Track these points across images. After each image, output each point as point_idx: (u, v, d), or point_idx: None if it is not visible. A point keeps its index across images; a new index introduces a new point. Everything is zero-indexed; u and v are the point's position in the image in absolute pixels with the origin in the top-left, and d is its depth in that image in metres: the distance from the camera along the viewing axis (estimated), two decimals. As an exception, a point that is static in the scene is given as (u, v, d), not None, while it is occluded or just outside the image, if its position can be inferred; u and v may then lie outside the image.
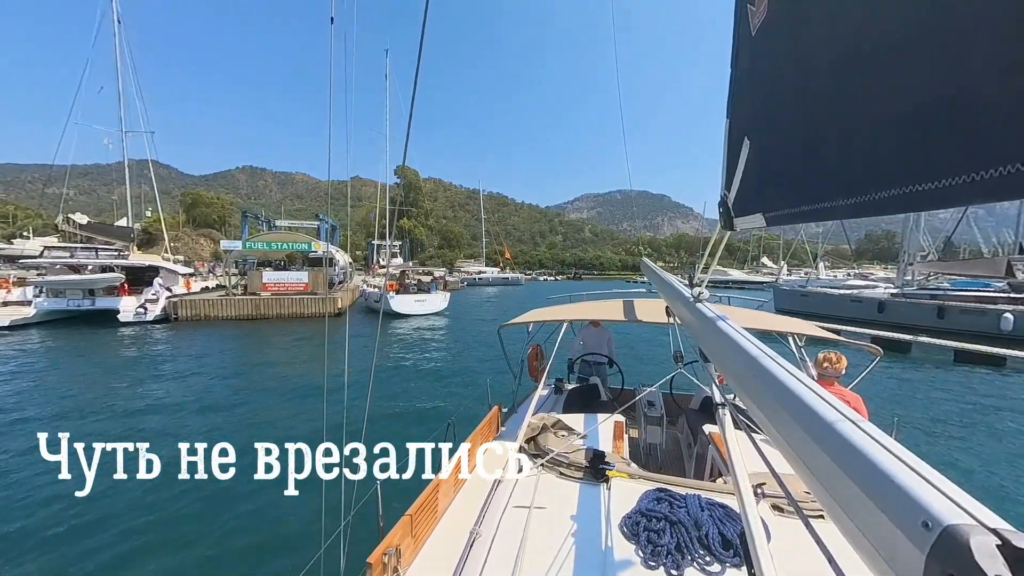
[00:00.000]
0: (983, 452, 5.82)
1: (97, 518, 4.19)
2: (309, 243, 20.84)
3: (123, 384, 9.19)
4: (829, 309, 19.93)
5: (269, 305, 19.66)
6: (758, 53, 1.05)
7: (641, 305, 4.04)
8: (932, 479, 0.42)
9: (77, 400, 7.95)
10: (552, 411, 3.48)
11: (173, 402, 7.93)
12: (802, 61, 0.82)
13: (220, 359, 11.85)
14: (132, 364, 11.11)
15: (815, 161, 0.77)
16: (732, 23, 1.20)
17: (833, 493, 0.49)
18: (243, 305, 19.25)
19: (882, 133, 0.59)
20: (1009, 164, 0.39)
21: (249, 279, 20.36)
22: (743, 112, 1.17)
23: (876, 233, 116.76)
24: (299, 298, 20.19)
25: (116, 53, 22.45)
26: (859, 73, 0.64)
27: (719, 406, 1.26)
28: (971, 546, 0.33)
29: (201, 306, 18.65)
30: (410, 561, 1.76)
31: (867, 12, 0.62)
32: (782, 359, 0.78)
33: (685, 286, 1.70)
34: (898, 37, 0.55)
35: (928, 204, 0.50)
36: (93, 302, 17.09)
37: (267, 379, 9.72)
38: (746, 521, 0.89)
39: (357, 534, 2.21)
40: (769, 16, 0.96)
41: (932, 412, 7.36)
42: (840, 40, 0.69)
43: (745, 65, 1.15)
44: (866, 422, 0.54)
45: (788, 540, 1.61)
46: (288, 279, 20.82)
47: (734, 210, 1.18)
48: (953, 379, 9.68)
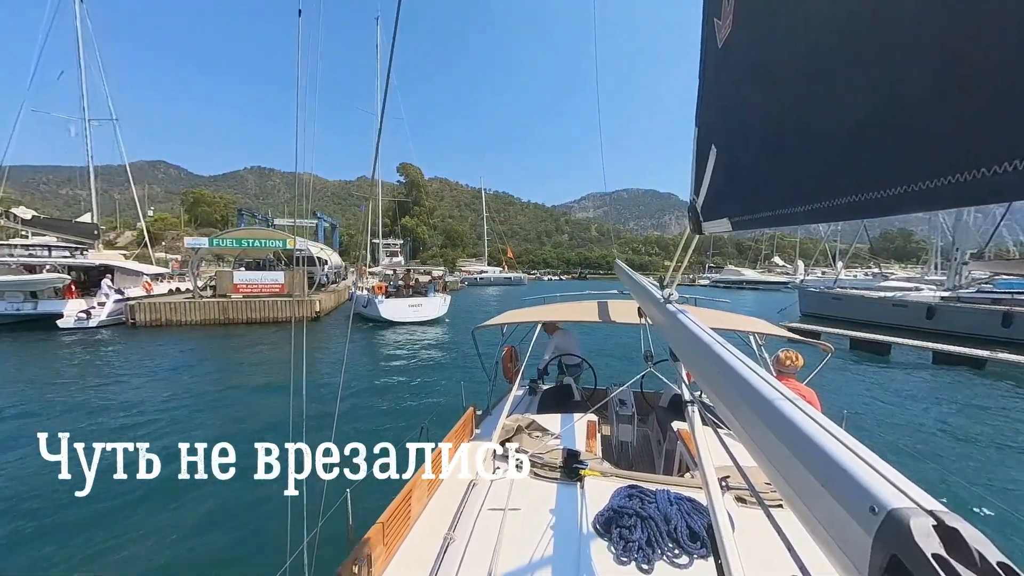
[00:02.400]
0: (926, 439, 6.38)
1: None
2: (284, 240, 18.97)
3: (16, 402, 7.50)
4: (867, 314, 17.54)
5: (238, 308, 17.84)
6: (724, 65, 1.08)
7: (614, 306, 4.06)
8: (878, 467, 0.44)
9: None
10: (527, 412, 3.46)
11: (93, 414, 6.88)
12: (763, 74, 0.87)
13: (167, 370, 10.24)
14: (51, 378, 9.35)
15: (775, 169, 0.82)
16: (700, 35, 1.23)
17: (791, 482, 0.51)
18: (210, 308, 17.43)
19: (832, 144, 0.63)
20: (940, 177, 0.42)
21: (218, 280, 18.52)
22: (710, 121, 1.21)
23: (891, 232, 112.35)
24: (272, 301, 18.37)
25: (78, 32, 20.60)
26: (812, 86, 0.68)
27: (687, 403, 1.29)
28: (911, 527, 0.35)
29: (162, 310, 16.88)
30: (382, 570, 1.72)
31: (821, 29, 0.65)
32: (745, 357, 0.80)
33: (656, 287, 1.75)
34: (843, 57, 0.59)
35: (871, 212, 0.54)
36: (35, 306, 15.33)
37: (212, 390, 8.46)
38: (713, 514, 0.91)
39: (326, 544, 2.14)
40: (734, 30, 1.00)
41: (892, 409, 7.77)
42: (797, 55, 0.73)
43: (712, 76, 1.19)
44: (820, 415, 0.56)
45: (751, 530, 1.70)
46: (262, 280, 18.98)
47: (702, 215, 1.22)
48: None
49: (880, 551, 0.36)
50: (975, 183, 0.39)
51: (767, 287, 49.88)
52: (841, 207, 0.58)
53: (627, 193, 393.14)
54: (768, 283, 50.81)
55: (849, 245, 42.34)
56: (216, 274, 19.00)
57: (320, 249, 25.19)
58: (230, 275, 18.72)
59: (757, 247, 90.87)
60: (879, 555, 0.36)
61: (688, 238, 1.38)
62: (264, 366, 10.96)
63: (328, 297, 19.73)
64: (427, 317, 18.14)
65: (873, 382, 9.64)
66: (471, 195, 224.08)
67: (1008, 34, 0.36)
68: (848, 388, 9.17)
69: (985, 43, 0.39)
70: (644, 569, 1.55)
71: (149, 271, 20.68)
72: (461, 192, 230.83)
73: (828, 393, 7.28)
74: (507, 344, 4.92)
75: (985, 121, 0.39)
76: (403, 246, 53.35)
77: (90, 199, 21.12)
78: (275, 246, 18.76)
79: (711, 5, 1.11)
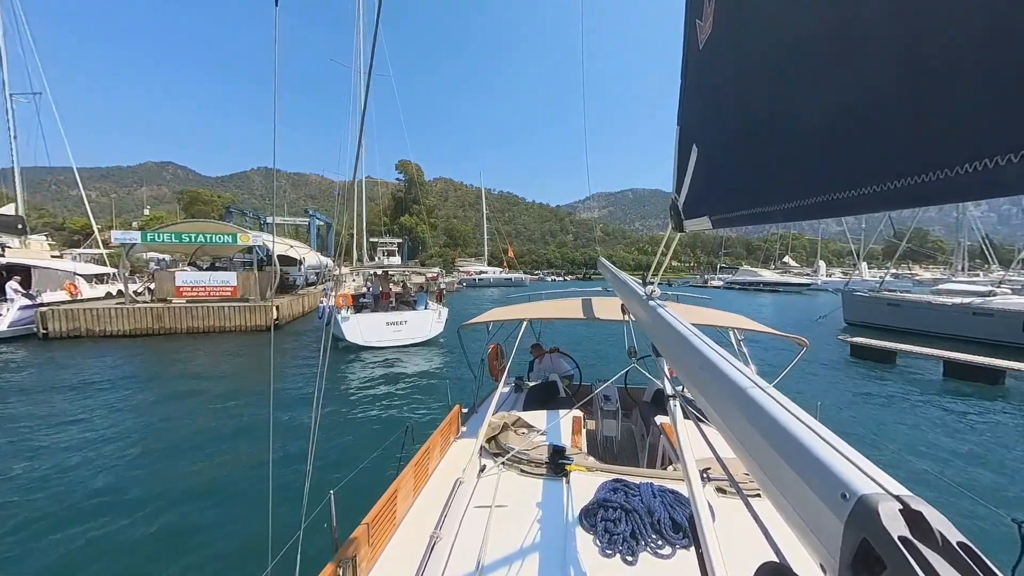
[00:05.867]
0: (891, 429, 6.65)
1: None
2: (235, 235, 16.11)
3: None
4: (937, 326, 14.27)
5: (178, 316, 15.02)
6: (705, 65, 1.09)
7: (599, 303, 4.11)
8: (849, 455, 0.45)
9: None
10: (513, 409, 3.48)
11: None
12: (741, 75, 0.88)
13: (75, 394, 8.15)
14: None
15: (752, 168, 0.83)
16: (682, 36, 1.24)
17: (767, 472, 0.53)
18: (141, 316, 14.62)
19: (805, 145, 0.65)
20: (905, 178, 0.45)
21: (157, 282, 15.73)
22: (691, 120, 1.23)
23: (905, 231, 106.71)
24: (220, 307, 15.54)
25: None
26: (786, 88, 0.70)
27: (670, 397, 1.32)
28: (879, 512, 0.36)
29: (82, 318, 14.09)
30: (367, 571, 1.73)
31: (795, 32, 0.67)
32: (725, 352, 0.81)
33: (639, 284, 1.73)
34: (815, 61, 0.61)
35: (842, 211, 0.55)
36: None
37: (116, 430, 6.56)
38: (694, 505, 0.92)
39: (310, 547, 2.01)
40: (715, 31, 1.00)
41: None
42: (772, 58, 0.74)
43: (693, 76, 1.21)
44: (795, 406, 0.57)
45: (731, 519, 1.77)
46: (209, 281, 16.16)
47: (684, 212, 1.25)
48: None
49: (851, 536, 0.37)
50: (938, 183, 0.41)
51: (787, 289, 46.32)
52: (814, 206, 0.61)
53: (632, 193, 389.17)
54: (788, 285, 47.16)
55: (860, 245, 39.29)
56: (155, 275, 16.16)
57: (290, 247, 22.34)
58: (171, 276, 15.90)
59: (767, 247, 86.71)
60: (850, 540, 0.37)
61: (670, 236, 1.44)
62: (200, 398, 8.16)
63: (291, 302, 16.87)
64: (414, 339, 12.90)
65: (992, 434, 6.64)
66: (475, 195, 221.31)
67: (966, 40, 0.38)
68: (959, 442, 6.29)
69: (945, 49, 0.40)
70: (628, 561, 1.60)
71: (85, 271, 17.97)
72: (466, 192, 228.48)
73: (931, 451, 6.03)
74: (493, 342, 5.04)
75: (947, 123, 0.40)
76: (401, 245, 50.44)
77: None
78: (222, 242, 15.90)
79: (693, 7, 1.13)
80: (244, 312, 15.77)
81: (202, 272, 16.48)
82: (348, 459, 5.06)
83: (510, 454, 2.36)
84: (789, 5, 0.68)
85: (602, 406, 3.53)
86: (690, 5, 1.14)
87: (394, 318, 12.87)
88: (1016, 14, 0.34)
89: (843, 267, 72.00)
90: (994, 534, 3.86)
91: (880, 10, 0.48)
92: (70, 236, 50.16)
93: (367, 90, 1.99)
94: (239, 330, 15.58)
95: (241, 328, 15.64)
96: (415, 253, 64.94)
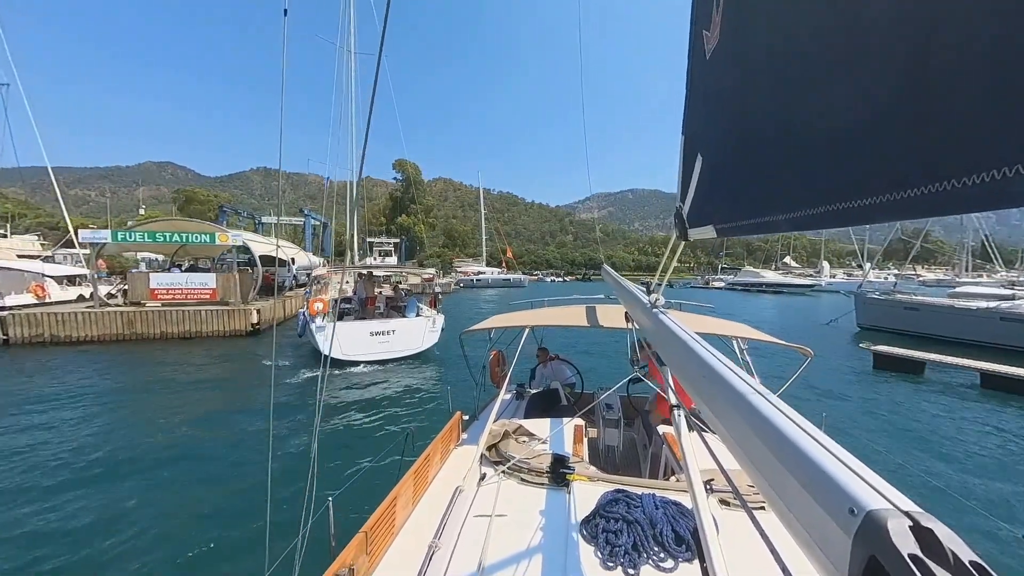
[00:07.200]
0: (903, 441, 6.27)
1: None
2: (213, 234, 15.20)
3: None
4: (962, 331, 13.34)
5: (151, 321, 14.09)
6: (710, 75, 1.09)
7: (602, 311, 4.16)
8: (857, 469, 0.44)
9: None
10: (514, 417, 3.45)
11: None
12: (749, 85, 0.88)
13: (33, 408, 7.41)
14: None
15: (757, 178, 0.84)
16: (688, 46, 1.24)
17: (773, 485, 0.52)
18: (110, 321, 13.69)
19: (810, 155, 0.65)
20: (912, 188, 0.44)
21: (130, 283, 14.79)
22: (696, 130, 1.23)
23: (906, 232, 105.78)
24: (196, 310, 14.62)
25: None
26: (793, 99, 0.70)
27: (673, 407, 1.28)
28: (888, 528, 0.35)
29: (46, 323, 13.18)
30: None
31: (802, 44, 0.67)
32: (730, 361, 0.80)
33: (643, 292, 1.73)
34: (822, 72, 0.61)
35: (848, 221, 0.55)
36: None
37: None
38: (698, 517, 0.91)
39: (308, 555, 2.00)
40: (721, 42, 1.01)
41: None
42: (780, 68, 0.74)
43: (699, 86, 1.21)
44: (801, 418, 0.56)
45: (735, 532, 1.71)
46: (187, 283, 15.23)
47: (688, 221, 1.23)
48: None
49: (859, 552, 0.37)
50: (945, 195, 0.40)
51: (790, 291, 45.43)
52: (819, 216, 0.61)
53: (632, 193, 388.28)
54: (791, 286, 46.27)
55: (863, 245, 38.49)
56: (128, 277, 15.22)
57: (277, 247, 21.36)
58: (145, 278, 14.97)
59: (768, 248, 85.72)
60: (858, 556, 0.37)
61: (674, 244, 1.42)
62: (173, 413, 7.38)
63: (273, 306, 15.92)
64: (403, 352, 11.16)
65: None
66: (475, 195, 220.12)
67: (973, 51, 0.37)
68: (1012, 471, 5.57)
69: (952, 60, 0.40)
70: (630, 574, 1.56)
71: (56, 272, 17.05)
72: (465, 192, 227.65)
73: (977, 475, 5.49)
74: (495, 348, 5.01)
75: (954, 134, 0.40)
76: (398, 245, 49.29)
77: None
78: (201, 241, 14.98)
79: (700, 17, 1.13)
80: (222, 316, 14.84)
81: (179, 274, 15.55)
82: (346, 467, 4.83)
83: (511, 462, 2.33)
84: (797, 17, 0.68)
85: (604, 415, 3.49)
86: (696, 16, 1.16)
87: (380, 327, 11.05)
88: (1023, 25, 0.34)
89: (844, 267, 71.22)
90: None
91: (887, 22, 0.48)
92: (63, 235, 49.36)
93: (373, 91, 1.87)
94: (217, 335, 14.65)
95: (219, 333, 14.70)
96: (413, 253, 63.93)
